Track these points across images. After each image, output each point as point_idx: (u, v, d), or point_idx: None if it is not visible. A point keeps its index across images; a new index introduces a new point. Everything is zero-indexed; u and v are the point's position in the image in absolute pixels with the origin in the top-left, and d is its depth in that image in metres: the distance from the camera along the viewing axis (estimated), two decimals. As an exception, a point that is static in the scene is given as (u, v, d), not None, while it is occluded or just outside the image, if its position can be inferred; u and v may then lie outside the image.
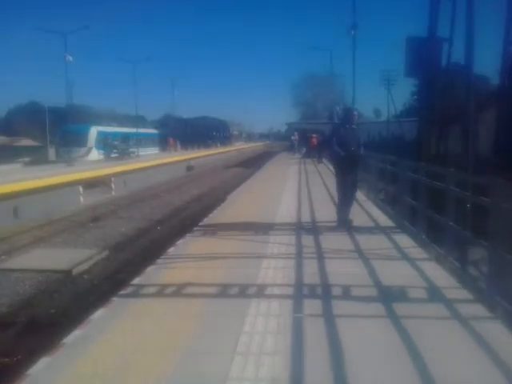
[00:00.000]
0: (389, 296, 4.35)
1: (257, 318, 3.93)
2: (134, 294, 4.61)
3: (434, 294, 4.43)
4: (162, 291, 4.66)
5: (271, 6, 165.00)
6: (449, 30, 17.11)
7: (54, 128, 40.96)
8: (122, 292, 4.69)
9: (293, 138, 39.47)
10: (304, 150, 32.63)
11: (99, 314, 4.18)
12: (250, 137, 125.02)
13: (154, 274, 5.34)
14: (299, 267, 5.35)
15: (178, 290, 4.64)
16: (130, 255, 10.08)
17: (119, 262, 9.63)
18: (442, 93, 17.22)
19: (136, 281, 5.03)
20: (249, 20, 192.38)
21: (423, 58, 17.77)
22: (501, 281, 4.12)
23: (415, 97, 41.78)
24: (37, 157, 36.27)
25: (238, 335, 3.58)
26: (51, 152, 37.47)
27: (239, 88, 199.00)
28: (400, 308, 4.05)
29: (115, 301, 4.47)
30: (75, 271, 8.92)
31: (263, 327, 3.74)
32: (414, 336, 3.47)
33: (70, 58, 31.84)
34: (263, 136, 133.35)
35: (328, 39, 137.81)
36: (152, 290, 4.72)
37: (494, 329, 3.60)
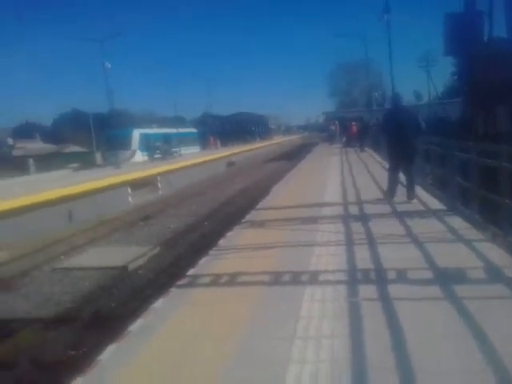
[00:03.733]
0: (446, 278, 4.28)
1: (312, 303, 3.98)
2: (191, 284, 4.78)
3: (493, 274, 4.32)
4: (216, 280, 4.80)
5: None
6: (487, 3, 16.38)
7: (98, 133, 42.44)
8: (179, 283, 4.87)
9: (332, 127, 38.95)
10: (344, 139, 32.15)
11: (159, 303, 4.37)
12: (288, 129, 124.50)
13: (208, 265, 5.50)
14: (351, 253, 5.35)
15: (233, 279, 4.77)
16: (181, 250, 10.37)
17: (171, 256, 9.94)
18: (485, 69, 16.48)
19: (191, 272, 5.21)
20: (279, 11, 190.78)
21: (463, 33, 17.10)
22: None
23: (455, 77, 40.17)
24: (85, 162, 37.68)
25: (295, 320, 3.65)
26: (98, 156, 38.84)
27: (275, 81, 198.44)
28: (459, 289, 3.98)
29: (173, 291, 4.65)
30: (131, 267, 9.31)
31: (320, 312, 3.79)
32: (475, 316, 3.42)
33: (109, 65, 32.76)
34: (301, 128, 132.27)
35: (361, 25, 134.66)
36: (207, 279, 4.88)
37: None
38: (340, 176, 14.00)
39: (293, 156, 36.68)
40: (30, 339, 6.44)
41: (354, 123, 30.50)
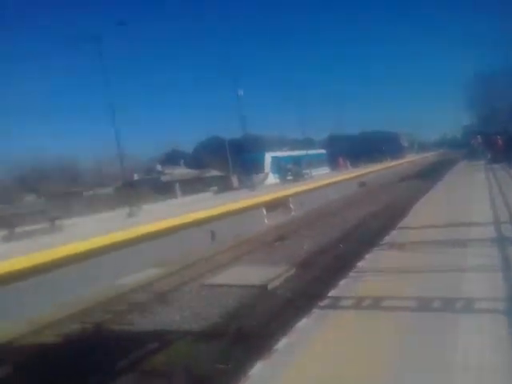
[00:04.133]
0: None
1: (470, 334, 3.73)
2: (333, 306, 4.84)
3: None
4: (359, 303, 4.78)
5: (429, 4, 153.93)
6: None
7: (234, 158, 45.25)
8: (321, 303, 4.96)
9: (473, 142, 35.81)
10: (489, 155, 29.28)
11: (302, 324, 4.50)
12: (422, 146, 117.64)
13: (348, 286, 5.50)
14: (508, 279, 4.89)
15: (376, 303, 4.70)
16: (316, 271, 10.46)
17: (308, 277, 10.08)
18: None
19: (332, 293, 5.27)
20: (407, 23, 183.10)
21: None
22: None
23: None
24: (222, 185, 40.42)
25: (451, 351, 3.47)
26: (234, 180, 41.34)
27: (406, 96, 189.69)
28: None
29: (316, 312, 4.75)
30: (270, 286, 9.69)
31: (479, 344, 3.54)
32: None
33: (242, 93, 35.05)
34: (437, 144, 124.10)
35: (497, 31, 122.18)
36: (349, 302, 4.88)
37: None
38: (488, 195, 12.80)
39: (429, 175, 34.52)
40: (183, 351, 7.06)
41: (498, 137, 27.70)
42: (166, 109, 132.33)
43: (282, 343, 4.15)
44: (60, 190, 42.51)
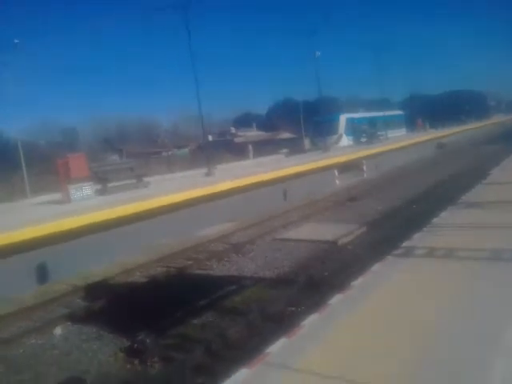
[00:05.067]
0: None
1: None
2: (405, 254, 5.10)
3: None
4: (431, 253, 4.99)
5: None
6: None
7: (306, 120, 44.90)
8: (394, 251, 5.23)
9: None
10: None
11: (376, 267, 4.80)
12: (510, 107, 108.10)
13: (421, 239, 5.70)
14: None
15: (449, 253, 4.89)
16: (387, 230, 10.57)
17: (378, 235, 10.24)
18: None
19: (405, 244, 5.50)
20: None
21: None
22: None
23: None
24: (294, 147, 40.51)
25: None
26: (306, 142, 41.22)
27: (493, 52, 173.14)
28: None
29: (389, 259, 5.03)
30: (340, 242, 10.01)
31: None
32: None
33: (319, 54, 34.43)
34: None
35: None
36: (422, 251, 5.11)
37: None
38: None
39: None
40: (258, 294, 7.67)
41: None
42: (241, 71, 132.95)
43: (356, 283, 4.48)
44: (141, 151, 45.12)
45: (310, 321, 3.70)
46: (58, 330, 6.82)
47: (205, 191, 13.94)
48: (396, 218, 11.99)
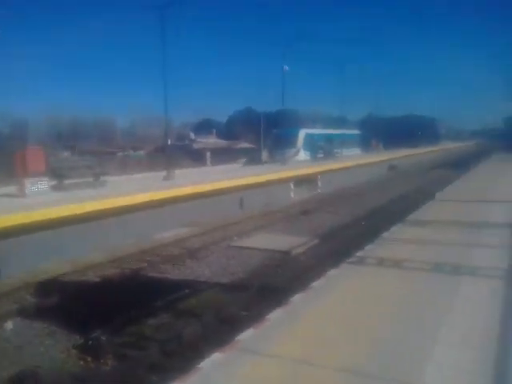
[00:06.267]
0: None
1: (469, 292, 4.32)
2: (358, 262, 5.60)
3: None
4: (381, 263, 5.48)
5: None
6: None
7: (266, 131, 45.61)
8: (348, 260, 5.67)
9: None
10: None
11: (331, 273, 5.18)
12: (459, 135, 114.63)
13: (372, 249, 6.19)
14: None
15: (396, 264, 5.37)
16: (338, 244, 11.07)
17: (330, 248, 10.72)
18: None
19: (359, 253, 5.97)
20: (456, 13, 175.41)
21: None
22: None
23: None
24: (252, 158, 40.98)
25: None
26: (264, 153, 41.80)
27: (447, 83, 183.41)
28: None
29: (343, 266, 5.45)
30: (293, 253, 10.40)
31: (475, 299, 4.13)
32: None
33: (287, 68, 35.11)
34: (475, 134, 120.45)
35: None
36: (372, 261, 5.60)
37: None
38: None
39: (461, 165, 34.16)
40: (212, 298, 7.87)
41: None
42: (203, 77, 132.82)
43: (316, 283, 4.85)
44: (94, 149, 44.03)
45: (274, 314, 4.09)
46: (9, 325, 6.71)
47: (163, 195, 13.99)
48: (347, 232, 12.57)
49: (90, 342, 5.75)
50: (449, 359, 2.99)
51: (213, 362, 3.17)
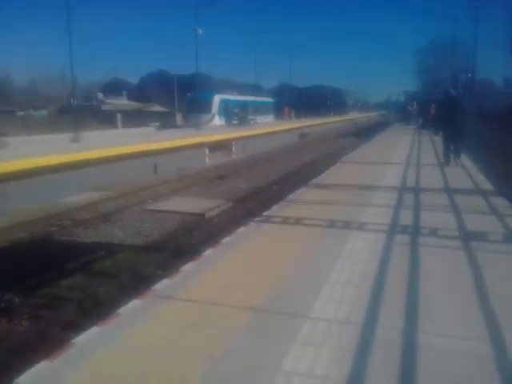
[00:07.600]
0: (468, 236, 5.20)
1: (355, 243, 5.04)
2: (265, 221, 6.09)
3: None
4: (285, 220, 6.03)
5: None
6: None
7: (180, 95, 44.79)
8: (256, 219, 6.15)
9: (409, 107, 38.08)
10: (420, 120, 31.48)
11: (241, 229, 5.63)
12: (365, 106, 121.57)
13: (278, 209, 6.76)
14: (397, 214, 6.32)
15: (297, 221, 5.95)
16: (251, 206, 11.66)
17: (243, 210, 11.26)
18: None
19: (265, 213, 6.50)
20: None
21: None
22: None
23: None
24: (165, 121, 40.24)
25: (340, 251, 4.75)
26: (178, 117, 41.21)
27: (356, 56, 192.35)
28: (476, 244, 4.89)
29: (251, 224, 5.92)
30: (207, 215, 10.78)
31: (360, 248, 4.84)
32: (483, 264, 4.32)
33: (200, 31, 34.51)
34: (380, 105, 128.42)
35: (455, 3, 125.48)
36: (277, 219, 6.14)
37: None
38: (406, 154, 14.50)
39: (365, 133, 36.65)
40: (127, 259, 8.04)
41: (433, 106, 29.65)
42: (114, 35, 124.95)
43: (226, 239, 5.27)
44: (-10, 107, 40.22)
45: (187, 267, 4.42)
46: None
47: (71, 157, 13.54)
48: (259, 195, 13.23)
49: (3, 305, 5.71)
50: (334, 295, 3.60)
51: (130, 308, 3.46)
